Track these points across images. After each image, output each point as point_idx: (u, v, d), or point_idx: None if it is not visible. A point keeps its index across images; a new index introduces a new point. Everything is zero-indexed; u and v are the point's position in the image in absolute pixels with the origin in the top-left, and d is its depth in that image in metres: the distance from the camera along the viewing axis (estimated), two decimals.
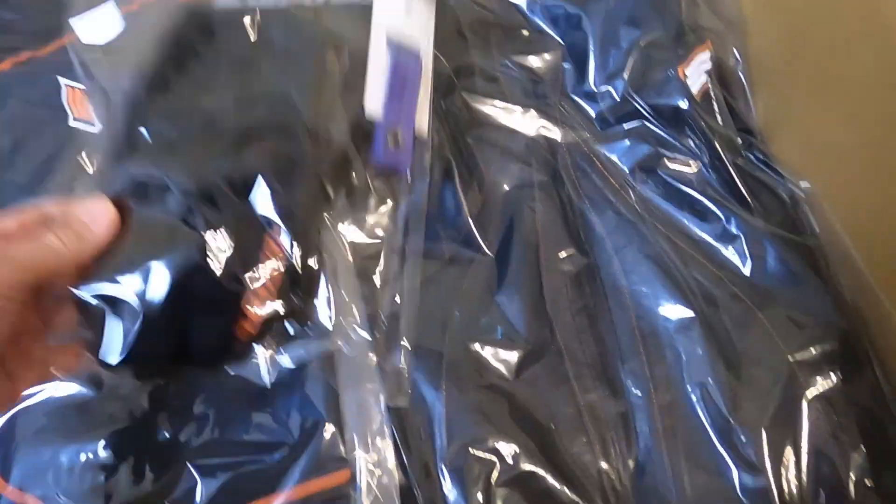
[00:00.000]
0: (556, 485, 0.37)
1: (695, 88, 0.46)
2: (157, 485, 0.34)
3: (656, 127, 0.48)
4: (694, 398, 0.39)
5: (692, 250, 0.44)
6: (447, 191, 0.44)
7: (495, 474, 0.36)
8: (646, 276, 0.43)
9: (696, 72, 0.46)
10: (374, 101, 0.35)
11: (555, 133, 0.48)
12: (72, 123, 0.41)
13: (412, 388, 0.38)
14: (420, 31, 0.38)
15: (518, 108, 0.47)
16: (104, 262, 0.24)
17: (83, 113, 0.41)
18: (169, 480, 0.34)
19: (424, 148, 0.40)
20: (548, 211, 0.45)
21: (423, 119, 0.39)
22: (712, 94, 0.46)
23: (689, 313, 0.41)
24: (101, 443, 0.35)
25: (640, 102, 0.48)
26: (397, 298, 0.39)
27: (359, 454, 0.34)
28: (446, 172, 0.44)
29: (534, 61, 0.50)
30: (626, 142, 0.48)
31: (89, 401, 0.35)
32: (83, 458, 0.35)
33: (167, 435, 0.35)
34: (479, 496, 0.35)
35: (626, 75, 0.48)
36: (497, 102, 0.46)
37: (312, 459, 0.34)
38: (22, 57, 0.43)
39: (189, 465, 0.34)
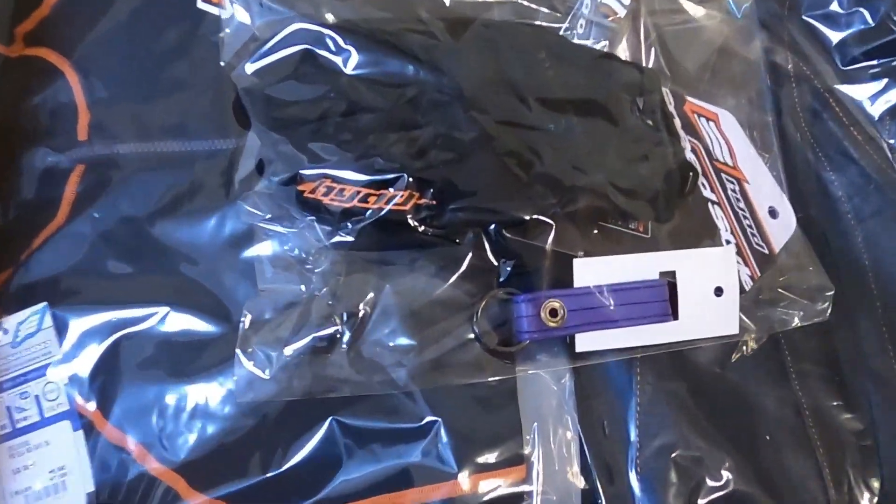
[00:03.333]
0: None
1: None
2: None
3: None
4: None
5: None
6: None
7: (702, 491, 0.28)
8: None
9: None
10: None
11: (782, 59, 0.37)
12: (200, 5, 0.34)
13: (599, 367, 0.29)
14: None
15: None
16: None
17: None
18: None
19: None
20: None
21: None
22: None
23: None
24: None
25: None
26: None
27: (537, 450, 0.26)
28: None
29: None
30: (880, 81, 0.37)
31: (209, 340, 0.29)
32: (192, 403, 0.29)
33: None
34: None
35: None
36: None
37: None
38: None
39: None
